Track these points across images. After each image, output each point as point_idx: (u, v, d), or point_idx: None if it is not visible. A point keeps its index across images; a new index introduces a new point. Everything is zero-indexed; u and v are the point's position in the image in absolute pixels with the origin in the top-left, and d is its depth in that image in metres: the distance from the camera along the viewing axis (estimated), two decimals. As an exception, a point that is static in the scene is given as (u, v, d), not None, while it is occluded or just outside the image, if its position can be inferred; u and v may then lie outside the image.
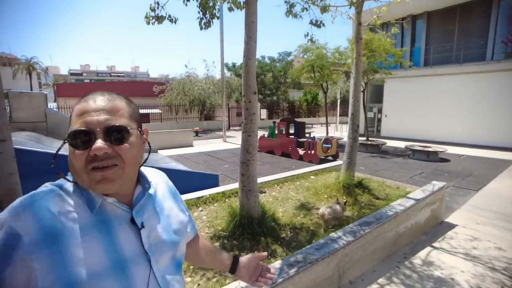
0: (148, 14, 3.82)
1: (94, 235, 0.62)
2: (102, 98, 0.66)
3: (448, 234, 3.81)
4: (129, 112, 0.68)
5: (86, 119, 0.62)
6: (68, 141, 0.61)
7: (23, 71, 37.79)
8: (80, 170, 0.61)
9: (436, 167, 8.23)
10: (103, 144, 0.60)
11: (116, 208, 0.67)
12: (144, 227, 0.70)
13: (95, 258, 0.60)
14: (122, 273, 0.63)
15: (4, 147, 1.94)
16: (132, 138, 0.66)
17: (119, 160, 0.63)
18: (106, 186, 0.62)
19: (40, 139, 5.85)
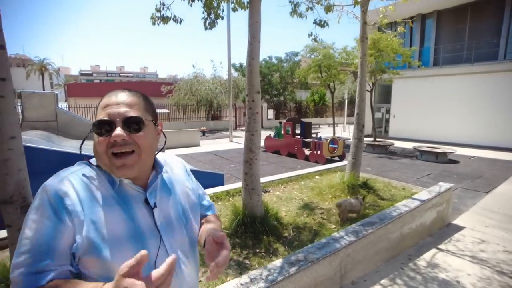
0: (153, 15, 3.88)
1: (116, 207, 0.72)
2: (123, 94, 0.77)
3: (455, 236, 3.75)
4: (145, 106, 0.79)
5: (109, 111, 0.73)
6: (93, 129, 0.72)
7: (36, 71, 38.69)
8: (102, 154, 0.72)
9: (445, 168, 8.08)
10: (122, 132, 0.71)
11: (131, 189, 0.77)
12: (157, 206, 0.79)
13: (117, 226, 0.70)
14: (138, 243, 0.72)
15: (14, 144, 2.01)
16: (147, 128, 0.76)
17: (136, 147, 0.73)
18: (125, 171, 0.72)
19: (50, 137, 5.99)
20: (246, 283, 1.94)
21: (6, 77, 1.90)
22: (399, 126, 15.52)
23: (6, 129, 1.97)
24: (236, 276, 2.21)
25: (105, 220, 0.69)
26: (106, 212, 0.70)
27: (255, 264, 2.46)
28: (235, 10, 3.83)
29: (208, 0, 3.49)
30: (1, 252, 2.62)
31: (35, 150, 3.74)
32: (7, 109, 1.94)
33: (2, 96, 1.89)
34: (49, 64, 40.62)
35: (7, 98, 1.92)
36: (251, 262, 2.50)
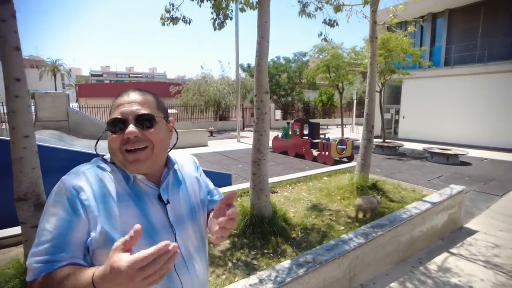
0: (163, 15, 3.91)
1: (130, 202, 0.74)
2: (134, 93, 0.79)
3: (467, 240, 3.66)
4: (156, 104, 0.81)
5: (121, 109, 0.75)
6: (107, 127, 0.75)
7: (48, 72, 39.58)
8: (116, 151, 0.74)
9: (456, 170, 7.91)
10: (134, 129, 0.73)
11: (145, 185, 0.78)
12: (170, 202, 0.81)
13: (131, 221, 0.71)
14: (151, 239, 0.73)
15: (28, 143, 2.06)
16: (159, 124, 0.78)
17: (149, 143, 0.75)
18: (138, 166, 0.74)
19: (62, 137, 6.11)
20: (254, 283, 1.93)
21: (21, 78, 1.95)
22: (408, 127, 15.27)
23: (20, 128, 2.01)
24: (244, 277, 2.21)
25: (119, 215, 0.71)
26: (121, 208, 0.72)
27: (263, 265, 2.45)
28: (243, 10, 3.83)
29: (217, 1, 3.51)
30: (15, 248, 2.68)
31: (48, 149, 3.81)
32: (21, 109, 1.99)
33: (17, 96, 1.94)
34: (61, 65, 41.48)
35: (22, 98, 1.97)
36: (259, 262, 2.50)
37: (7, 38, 1.78)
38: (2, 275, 2.13)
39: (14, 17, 1.81)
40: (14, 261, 2.23)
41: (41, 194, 2.19)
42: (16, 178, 2.05)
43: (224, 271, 2.35)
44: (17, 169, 2.04)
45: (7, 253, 2.58)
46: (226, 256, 2.58)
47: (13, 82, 1.90)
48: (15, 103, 1.93)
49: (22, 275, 2.10)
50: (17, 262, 2.20)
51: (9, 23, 1.78)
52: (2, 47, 1.80)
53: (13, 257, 2.41)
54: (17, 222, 2.14)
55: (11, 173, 2.07)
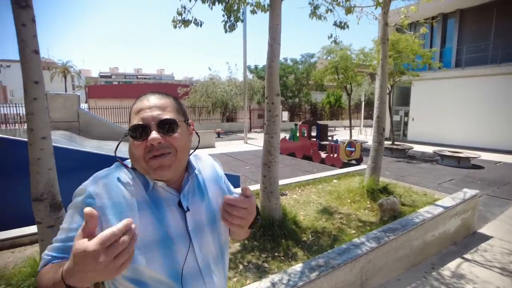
0: (175, 18, 3.95)
1: (147, 211, 0.72)
2: (154, 97, 0.77)
3: (481, 246, 3.58)
4: (176, 107, 0.79)
5: (143, 115, 0.73)
6: (129, 134, 0.73)
7: (59, 74, 40.36)
8: (139, 158, 0.72)
9: (468, 174, 7.76)
10: (157, 135, 0.71)
11: (165, 192, 0.77)
12: (190, 210, 0.78)
13: (146, 230, 0.70)
14: (167, 248, 0.72)
15: (45, 144, 2.09)
16: (181, 129, 0.76)
17: (172, 149, 0.73)
18: (163, 172, 0.72)
19: (73, 137, 6.21)
20: (267, 287, 1.93)
21: (39, 81, 1.99)
22: (418, 129, 15.05)
23: (38, 130, 2.05)
24: (255, 280, 2.21)
25: (137, 222, 0.69)
26: (136, 216, 0.70)
27: (274, 268, 2.45)
28: (254, 12, 3.85)
29: (228, 4, 3.53)
30: (30, 247, 2.74)
31: (60, 150, 3.88)
32: (39, 110, 2.03)
33: (35, 99, 1.98)
34: (71, 66, 42.26)
35: (40, 100, 2.01)
36: (270, 265, 2.49)
37: (27, 42, 1.82)
38: (19, 274, 2.18)
39: (34, 22, 1.85)
40: (30, 260, 2.27)
41: (56, 194, 2.23)
42: (33, 178, 2.09)
43: (235, 273, 2.35)
44: (34, 170, 2.08)
45: (23, 252, 2.63)
46: (237, 259, 2.58)
47: (32, 85, 1.94)
48: (34, 105, 1.97)
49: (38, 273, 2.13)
50: (33, 261, 2.24)
51: (29, 28, 1.82)
52: (22, 51, 1.84)
53: (29, 256, 2.46)
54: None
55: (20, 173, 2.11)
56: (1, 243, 2.71)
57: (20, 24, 1.80)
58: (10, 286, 2.09)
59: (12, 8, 1.77)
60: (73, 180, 2.70)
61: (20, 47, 1.84)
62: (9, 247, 2.71)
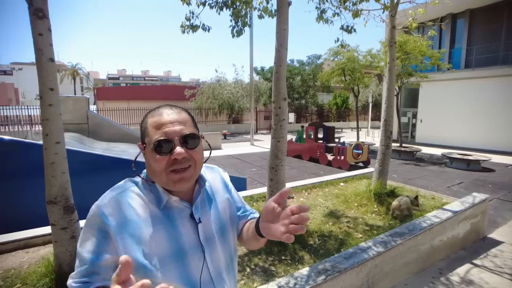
0: (183, 23, 4.01)
1: (160, 226, 0.74)
2: (171, 111, 0.78)
3: (491, 251, 3.53)
4: (192, 121, 0.82)
5: (165, 130, 0.74)
6: (153, 148, 0.74)
7: (68, 76, 41.11)
8: (160, 172, 0.74)
9: (478, 177, 7.64)
10: (183, 150, 0.74)
11: (178, 205, 0.79)
12: (201, 222, 0.80)
13: (160, 246, 0.72)
14: (180, 261, 0.74)
15: (59, 148, 2.16)
16: (200, 143, 0.80)
17: (192, 161, 0.76)
18: (183, 185, 0.75)
19: (82, 139, 6.33)
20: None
21: (54, 88, 2.06)
22: (426, 132, 14.87)
23: (53, 135, 2.12)
24: (262, 283, 2.23)
25: (149, 240, 0.71)
26: (150, 232, 0.72)
27: (281, 271, 2.47)
28: (261, 17, 3.88)
29: (236, 9, 3.57)
30: (43, 247, 2.81)
31: (71, 152, 3.97)
32: (54, 116, 2.10)
33: (50, 105, 2.05)
34: (80, 69, 43.01)
35: (54, 106, 2.08)
36: (277, 269, 2.51)
37: (44, 51, 1.90)
38: (34, 273, 2.25)
39: (50, 31, 1.92)
40: (45, 260, 2.34)
41: (69, 197, 2.29)
42: (48, 182, 2.16)
43: (242, 276, 2.38)
44: (49, 174, 2.14)
45: (37, 252, 2.71)
46: (244, 262, 2.61)
47: (47, 91, 2.01)
48: (49, 111, 2.04)
49: (52, 273, 2.20)
50: (47, 261, 2.31)
51: (45, 37, 1.89)
52: (39, 59, 1.91)
53: (43, 256, 2.54)
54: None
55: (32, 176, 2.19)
56: (16, 243, 2.79)
57: (37, 34, 1.87)
58: (26, 285, 2.17)
59: (30, 18, 1.84)
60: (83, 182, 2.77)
61: (37, 55, 1.91)
62: (24, 247, 2.79)
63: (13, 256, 2.64)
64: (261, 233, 0.77)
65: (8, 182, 3.48)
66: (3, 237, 2.78)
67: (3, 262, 2.53)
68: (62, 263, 2.20)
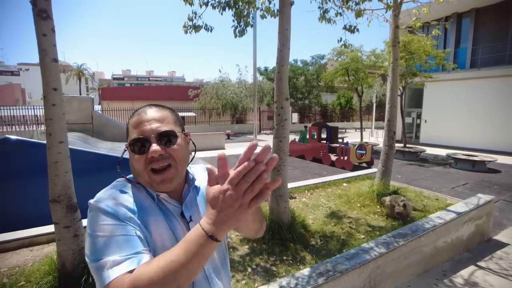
0: (186, 24, 4.03)
1: (161, 217, 0.75)
2: (151, 110, 0.78)
3: (497, 254, 3.48)
4: (173, 119, 0.80)
5: (142, 128, 0.74)
6: (130, 148, 0.74)
7: (74, 77, 41.51)
8: (141, 171, 0.74)
9: (483, 178, 7.55)
10: (158, 147, 0.72)
11: (168, 203, 0.78)
12: (192, 220, 0.79)
13: (162, 235, 0.72)
14: None
15: (62, 148, 2.19)
16: (179, 140, 0.77)
17: (172, 160, 0.75)
18: (166, 185, 0.74)
19: (87, 139, 6.39)
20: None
21: (58, 88, 2.08)
22: (431, 132, 14.74)
23: (56, 135, 2.15)
24: (264, 283, 2.23)
25: (154, 228, 0.71)
26: (154, 221, 0.72)
27: (283, 272, 2.46)
28: (263, 17, 3.88)
29: (238, 9, 3.58)
30: (46, 246, 2.85)
31: (75, 152, 4.01)
32: (58, 116, 2.12)
33: (54, 105, 2.07)
34: (86, 69, 43.40)
35: (58, 106, 2.10)
36: (278, 269, 2.51)
37: (47, 51, 1.92)
38: (38, 271, 2.27)
39: (53, 32, 1.94)
40: (48, 258, 2.37)
41: (72, 196, 2.32)
42: (51, 181, 2.19)
43: (243, 276, 2.38)
44: (52, 173, 2.17)
45: (41, 250, 2.74)
46: (245, 262, 2.61)
47: (51, 91, 2.03)
48: (52, 111, 2.07)
49: (55, 271, 2.23)
50: (50, 259, 2.33)
51: (49, 37, 1.91)
52: (43, 59, 1.93)
53: (46, 254, 2.57)
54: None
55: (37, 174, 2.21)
56: (20, 242, 2.83)
57: (41, 34, 1.89)
58: (30, 283, 2.19)
59: (34, 19, 1.86)
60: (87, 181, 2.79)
61: (40, 56, 1.94)
62: (28, 245, 2.83)
63: (18, 254, 2.68)
64: None
65: (15, 181, 3.53)
66: (8, 235, 2.82)
67: (8, 260, 2.57)
68: (65, 261, 2.22)
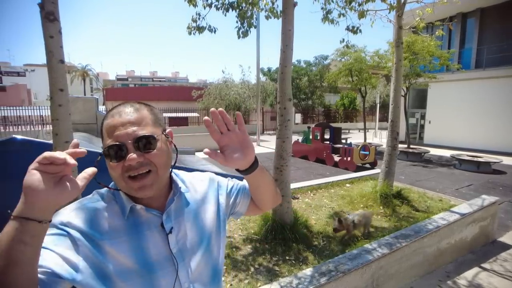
0: (190, 25, 4.06)
1: (124, 238, 0.68)
2: (127, 111, 0.70)
3: (501, 255, 3.46)
4: (152, 119, 0.72)
5: (116, 133, 0.67)
6: (105, 155, 0.67)
7: (78, 77, 41.90)
8: (118, 178, 0.68)
9: (488, 179, 7.48)
10: (135, 155, 0.65)
11: (145, 214, 0.72)
12: (172, 232, 0.73)
13: (122, 259, 0.66)
14: (147, 275, 0.67)
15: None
16: (159, 143, 0.70)
17: (152, 166, 0.68)
18: (145, 192, 0.68)
19: (91, 139, 6.46)
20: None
21: (64, 88, 2.11)
22: (435, 133, 14.64)
23: (62, 135, 2.18)
24: (266, 283, 2.24)
25: (109, 254, 0.65)
26: (112, 246, 0.66)
27: (285, 272, 2.47)
28: (268, 18, 3.90)
29: (242, 10, 3.60)
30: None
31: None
32: (64, 116, 2.15)
33: (60, 105, 2.10)
34: (90, 70, 43.78)
35: (64, 107, 2.14)
36: (280, 269, 2.52)
37: (54, 53, 1.95)
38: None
39: (60, 34, 1.98)
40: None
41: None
42: (57, 180, 2.22)
43: (246, 275, 2.40)
44: (58, 172, 2.20)
45: (46, 249, 2.77)
46: (248, 261, 2.63)
47: (57, 92, 2.06)
48: (59, 111, 2.10)
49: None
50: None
51: (56, 39, 1.94)
52: (49, 61, 1.96)
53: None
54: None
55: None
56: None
57: (48, 36, 1.92)
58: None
59: (41, 21, 1.90)
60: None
61: (47, 57, 1.97)
62: (34, 244, 2.86)
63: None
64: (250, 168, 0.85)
65: (21, 180, 3.57)
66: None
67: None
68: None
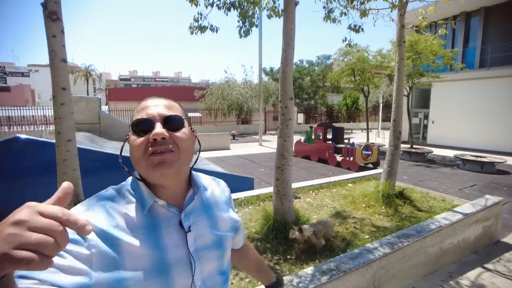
0: (191, 25, 4.07)
1: (142, 237, 0.65)
2: (159, 98, 0.74)
3: (505, 256, 3.43)
4: (182, 111, 0.76)
5: (147, 111, 0.69)
6: (132, 129, 0.68)
7: (81, 77, 42.18)
8: (139, 158, 0.66)
9: (492, 179, 7.42)
10: (162, 129, 0.66)
11: (166, 211, 0.71)
12: (191, 231, 0.72)
13: (139, 259, 0.64)
14: (164, 275, 0.66)
15: (70, 146, 2.24)
16: (185, 129, 0.72)
17: (175, 147, 0.68)
18: (163, 169, 0.65)
19: (94, 139, 6.50)
20: None
21: (66, 87, 2.13)
22: (438, 133, 14.55)
23: (64, 133, 2.20)
24: (267, 281, 2.24)
25: (125, 254, 0.63)
26: (128, 245, 0.63)
27: (286, 271, 2.47)
28: (270, 17, 3.90)
29: (243, 10, 3.61)
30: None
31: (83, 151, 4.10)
32: (66, 115, 2.17)
33: (62, 104, 2.12)
34: (93, 70, 44.05)
35: (66, 105, 2.16)
36: (282, 268, 2.52)
37: (57, 52, 1.97)
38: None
39: (63, 33, 1.99)
40: (56, 255, 2.41)
41: (80, 193, 2.37)
42: (60, 178, 2.24)
43: (247, 274, 2.40)
44: (60, 170, 2.22)
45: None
46: (249, 260, 2.62)
47: (60, 91, 2.08)
48: (61, 110, 2.12)
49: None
50: (58, 256, 2.38)
51: (59, 39, 1.96)
52: (52, 60, 1.98)
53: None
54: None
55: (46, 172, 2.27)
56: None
57: (51, 36, 1.94)
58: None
59: (44, 21, 1.91)
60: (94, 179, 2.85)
61: (50, 56, 1.99)
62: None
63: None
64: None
65: (24, 179, 3.61)
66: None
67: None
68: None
